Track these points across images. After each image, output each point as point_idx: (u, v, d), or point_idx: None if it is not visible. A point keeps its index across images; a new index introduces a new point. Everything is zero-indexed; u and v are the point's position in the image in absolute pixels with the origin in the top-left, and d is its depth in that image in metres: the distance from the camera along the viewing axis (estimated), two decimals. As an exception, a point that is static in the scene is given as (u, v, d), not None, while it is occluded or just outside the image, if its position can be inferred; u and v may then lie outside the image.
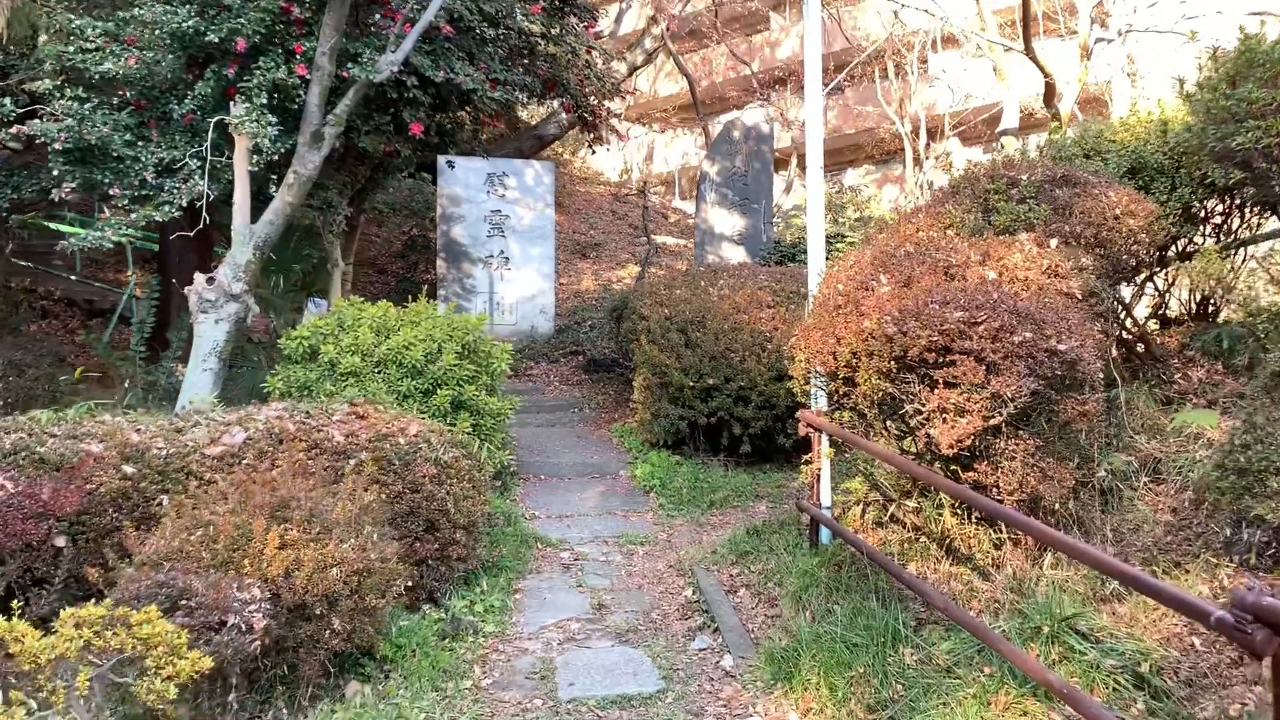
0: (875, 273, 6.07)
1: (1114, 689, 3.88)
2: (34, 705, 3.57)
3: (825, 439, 6.32)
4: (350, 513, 4.85)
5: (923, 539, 5.85)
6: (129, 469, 5.36)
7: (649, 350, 9.01)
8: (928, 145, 19.44)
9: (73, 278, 14.20)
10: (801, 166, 23.14)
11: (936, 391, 4.86)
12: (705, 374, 8.62)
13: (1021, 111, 15.75)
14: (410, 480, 5.95)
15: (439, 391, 7.43)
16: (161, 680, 3.74)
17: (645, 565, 6.97)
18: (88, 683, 3.64)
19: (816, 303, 6.31)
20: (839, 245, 13.90)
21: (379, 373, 7.44)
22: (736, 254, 13.78)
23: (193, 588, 4.13)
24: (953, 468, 5.12)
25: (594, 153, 29.04)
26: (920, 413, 5.02)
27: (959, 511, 5.65)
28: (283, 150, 7.62)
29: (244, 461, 5.65)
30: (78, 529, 5.07)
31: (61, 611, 3.73)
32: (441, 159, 15.33)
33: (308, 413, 6.24)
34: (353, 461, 5.88)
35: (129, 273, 13.84)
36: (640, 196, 19.33)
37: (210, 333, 7.48)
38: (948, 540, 5.71)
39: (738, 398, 8.61)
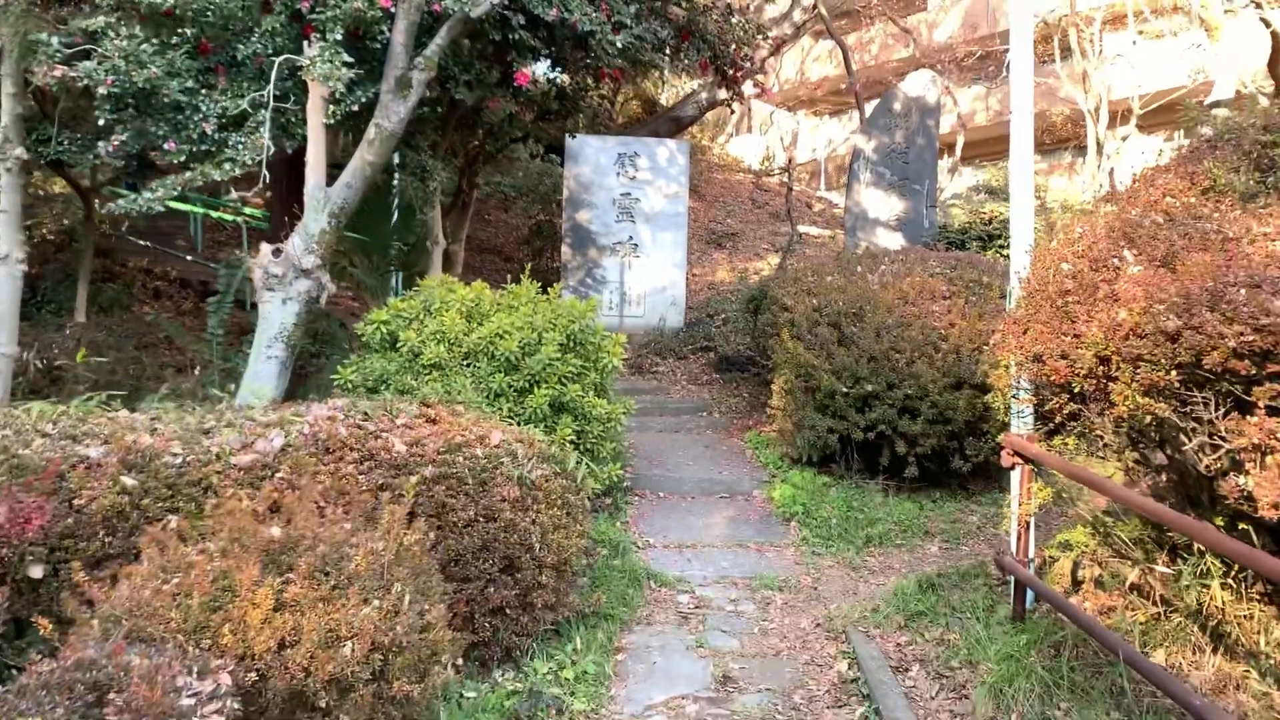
0: (1115, 247, 4.31)
1: None
2: None
3: (1029, 472, 4.60)
4: (379, 560, 3.46)
5: (1175, 617, 4.12)
6: (129, 480, 4.11)
7: (792, 348, 7.40)
8: (1109, 129, 16.99)
9: (189, 258, 13.55)
10: (965, 154, 20.98)
11: (1253, 420, 3.10)
12: (863, 378, 6.94)
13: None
14: (485, 505, 4.56)
15: (536, 390, 6.03)
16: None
17: (785, 620, 5.37)
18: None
19: (1029, 288, 4.59)
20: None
21: (467, 366, 6.09)
22: (894, 241, 11.94)
23: (128, 672, 2.80)
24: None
25: (733, 134, 27.42)
26: (1217, 449, 3.28)
27: (1235, 582, 3.91)
28: (364, 100, 6.37)
29: (278, 474, 4.36)
30: (60, 556, 3.88)
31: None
32: (569, 139, 14.08)
33: (366, 414, 4.92)
34: (414, 478, 4.53)
35: (241, 251, 13.08)
36: (784, 175, 17.58)
37: (276, 314, 6.30)
38: (1215, 623, 3.98)
39: (903, 408, 6.90)
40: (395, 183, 10.16)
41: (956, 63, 23.39)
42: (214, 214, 14.19)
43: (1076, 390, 3.78)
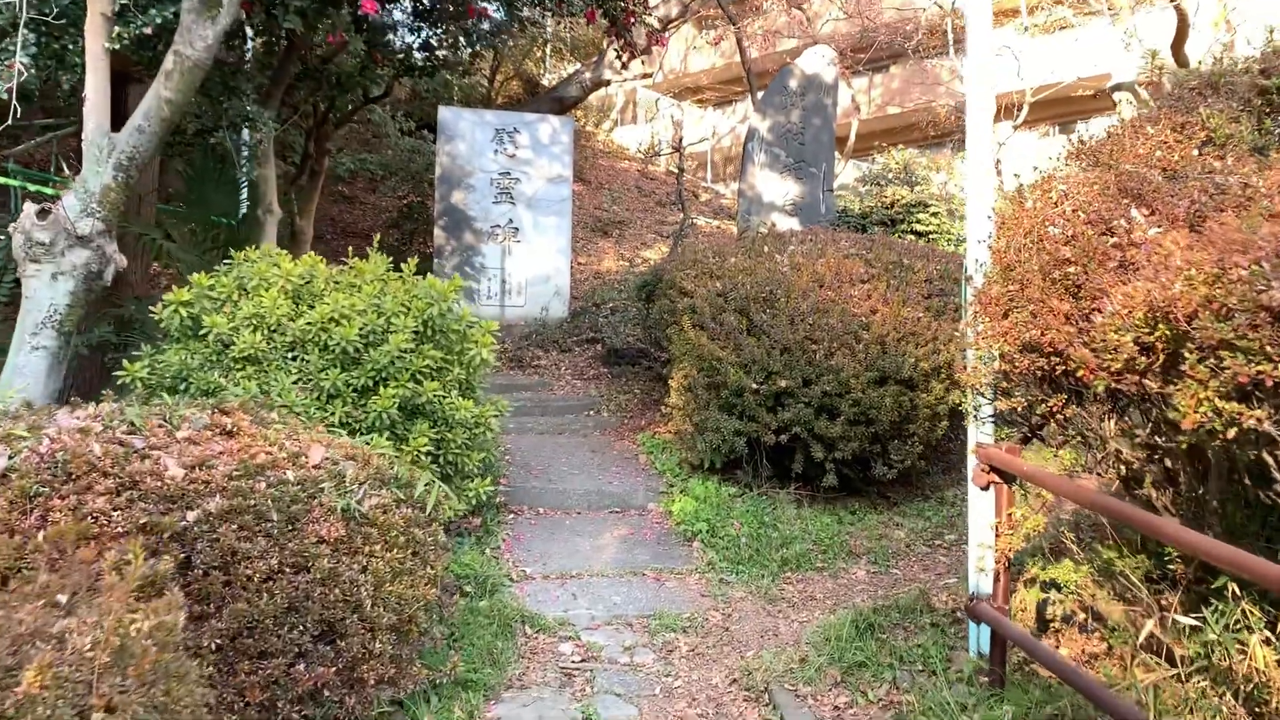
0: (1117, 206, 3.31)
1: None
2: None
3: (1010, 494, 3.58)
4: (84, 665, 2.14)
5: (1198, 679, 3.19)
6: None
7: (694, 338, 6.27)
8: (995, 122, 16.56)
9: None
10: (852, 148, 20.36)
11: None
12: (775, 373, 5.87)
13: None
14: (295, 550, 3.27)
15: (383, 390, 4.71)
16: None
17: (693, 675, 4.22)
18: None
19: (1003, 260, 3.55)
20: (920, 215, 11.10)
21: (293, 359, 4.74)
22: (789, 226, 10.99)
23: None
24: None
25: (617, 121, 26.23)
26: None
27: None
28: (161, 21, 4.93)
29: (-14, 513, 2.98)
30: None
31: None
32: (443, 109, 12.64)
33: (133, 425, 3.55)
34: (191, 514, 3.22)
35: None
36: (673, 155, 16.47)
37: (45, 293, 4.79)
38: (1256, 690, 3.07)
39: (821, 407, 5.86)
40: (244, 149, 8.63)
41: (842, 54, 22.83)
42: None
43: (1103, 388, 2.73)
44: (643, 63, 22.53)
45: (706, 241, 8.58)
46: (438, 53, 8.61)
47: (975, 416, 3.73)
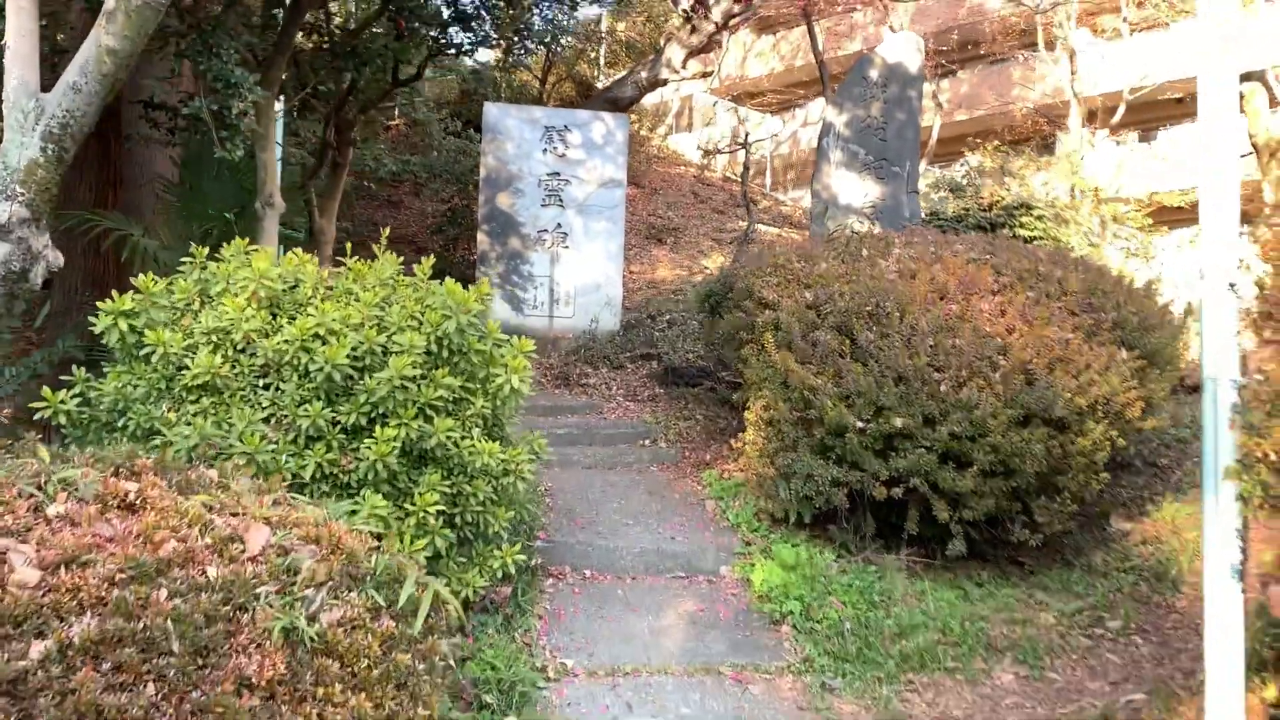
0: None
1: None
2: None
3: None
4: None
5: None
6: None
7: (779, 360, 4.94)
8: (1092, 128, 14.95)
9: None
10: (933, 150, 18.86)
11: None
12: (887, 408, 4.52)
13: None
14: (198, 705, 2.03)
15: (380, 430, 3.45)
16: None
17: None
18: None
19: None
20: (1024, 219, 9.64)
21: (265, 387, 3.51)
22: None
23: None
24: None
25: (672, 127, 24.89)
26: None
27: None
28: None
29: None
30: None
31: None
32: (489, 105, 11.48)
33: (-19, 492, 2.34)
34: (45, 643, 2.00)
35: None
36: (736, 151, 15.09)
37: (-48, 297, 3.65)
38: None
39: (946, 453, 4.50)
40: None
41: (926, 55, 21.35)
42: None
43: None
44: (702, 63, 21.29)
45: (782, 245, 7.24)
46: (474, 26, 7.33)
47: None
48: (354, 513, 3.34)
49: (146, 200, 6.38)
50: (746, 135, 12.75)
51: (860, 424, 4.54)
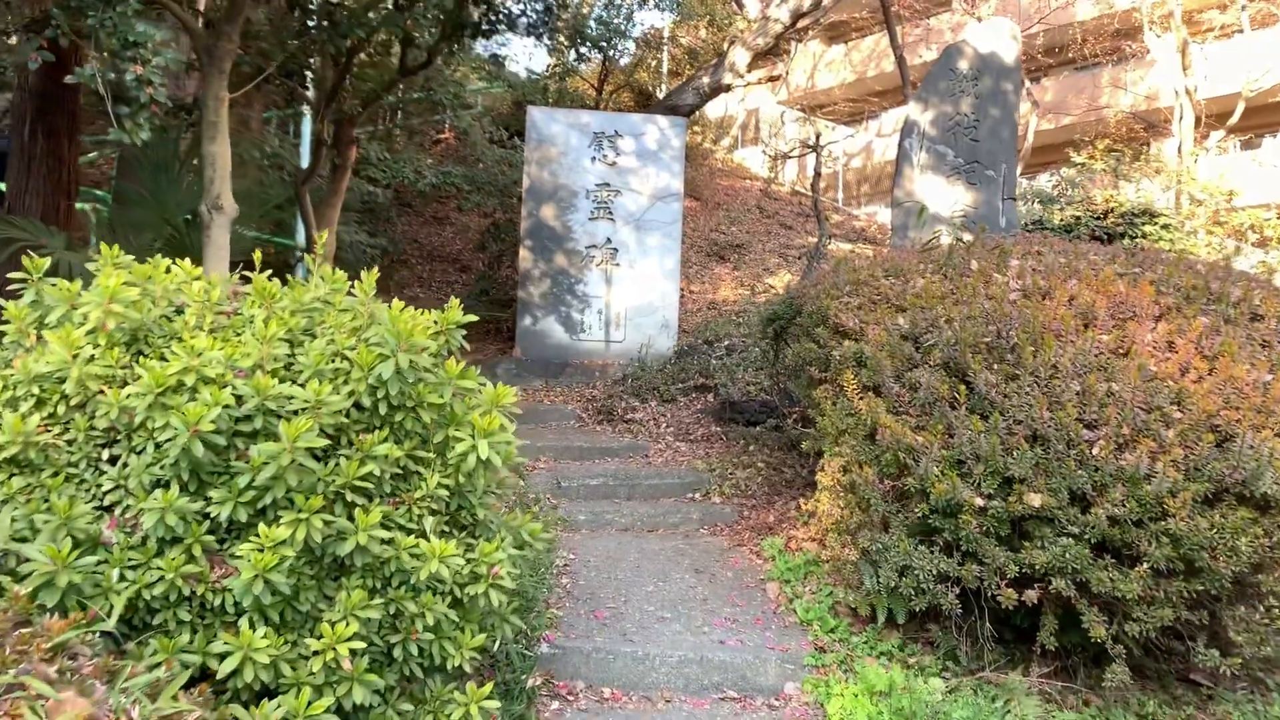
0: None
1: None
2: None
3: None
4: None
5: None
6: None
7: (865, 409, 3.66)
8: (1205, 132, 13.24)
9: None
10: (1029, 153, 17.29)
11: None
12: (1019, 479, 3.21)
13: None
14: None
15: (270, 529, 2.29)
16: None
17: None
18: None
19: None
20: (1147, 228, 8.14)
21: (110, 460, 2.39)
22: (961, 244, 8.23)
23: None
24: None
25: (738, 138, 23.49)
26: None
27: None
28: None
29: None
30: None
31: None
32: (532, 109, 10.43)
33: None
34: None
35: None
36: (807, 153, 13.70)
37: None
38: None
39: (1104, 542, 3.17)
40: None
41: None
42: None
43: None
44: (768, 68, 20.04)
45: (864, 260, 5.89)
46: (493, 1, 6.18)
47: None
48: (225, 656, 2.18)
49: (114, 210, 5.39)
50: (817, 136, 11.41)
51: (980, 501, 3.23)
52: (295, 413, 2.42)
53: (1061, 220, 8.59)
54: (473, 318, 2.91)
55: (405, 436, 2.64)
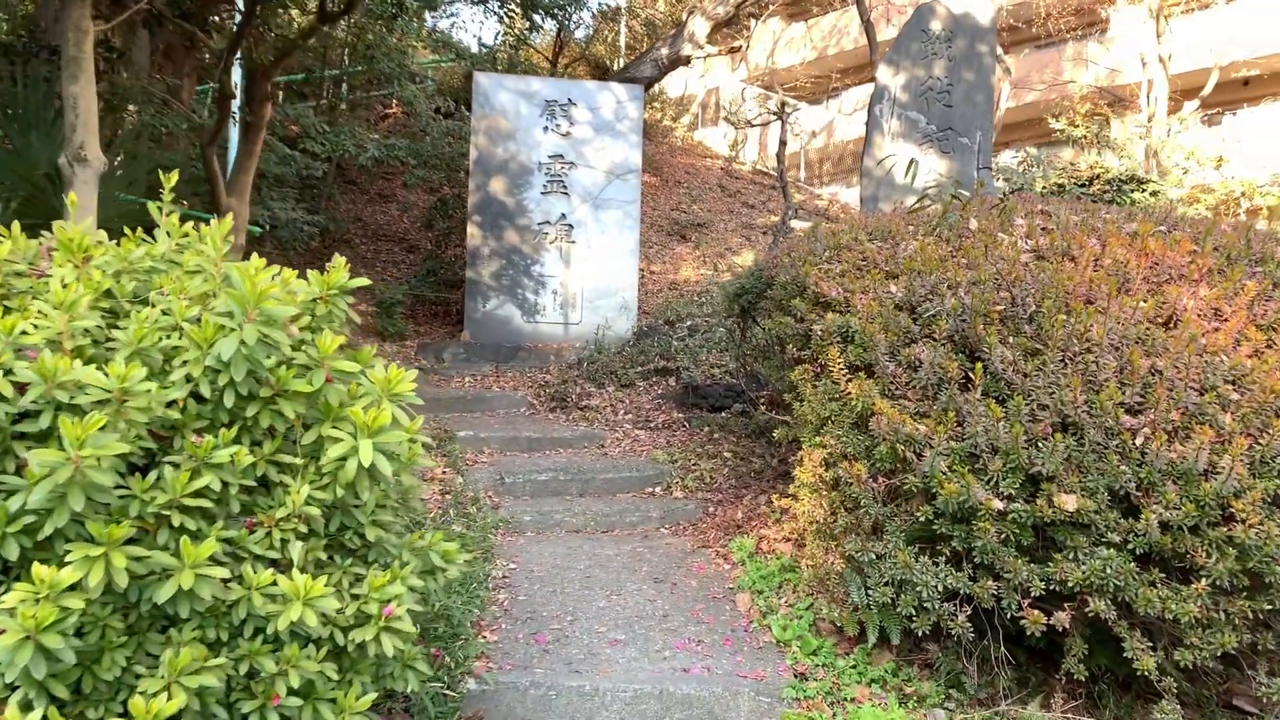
0: None
1: None
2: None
3: None
4: None
5: None
6: None
7: (856, 392, 3.04)
8: (1172, 107, 12.80)
9: None
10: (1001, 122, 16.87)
11: None
12: (1045, 476, 2.61)
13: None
14: None
15: (53, 570, 1.62)
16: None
17: None
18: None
19: None
20: (1135, 195, 7.62)
21: None
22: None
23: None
24: None
25: (697, 118, 22.76)
26: None
27: None
28: None
29: None
30: None
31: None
32: (479, 75, 9.68)
33: None
34: None
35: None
36: (771, 120, 13.09)
37: None
38: None
39: (1150, 553, 2.58)
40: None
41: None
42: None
43: None
44: (727, 41, 19.38)
45: (844, 224, 5.23)
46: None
47: None
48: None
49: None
50: (782, 104, 10.79)
51: (999, 503, 2.62)
52: (101, 405, 1.73)
53: (1045, 187, 8.05)
54: (364, 281, 2.23)
55: (266, 437, 1.96)
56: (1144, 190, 7.36)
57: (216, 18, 4.95)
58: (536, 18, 13.10)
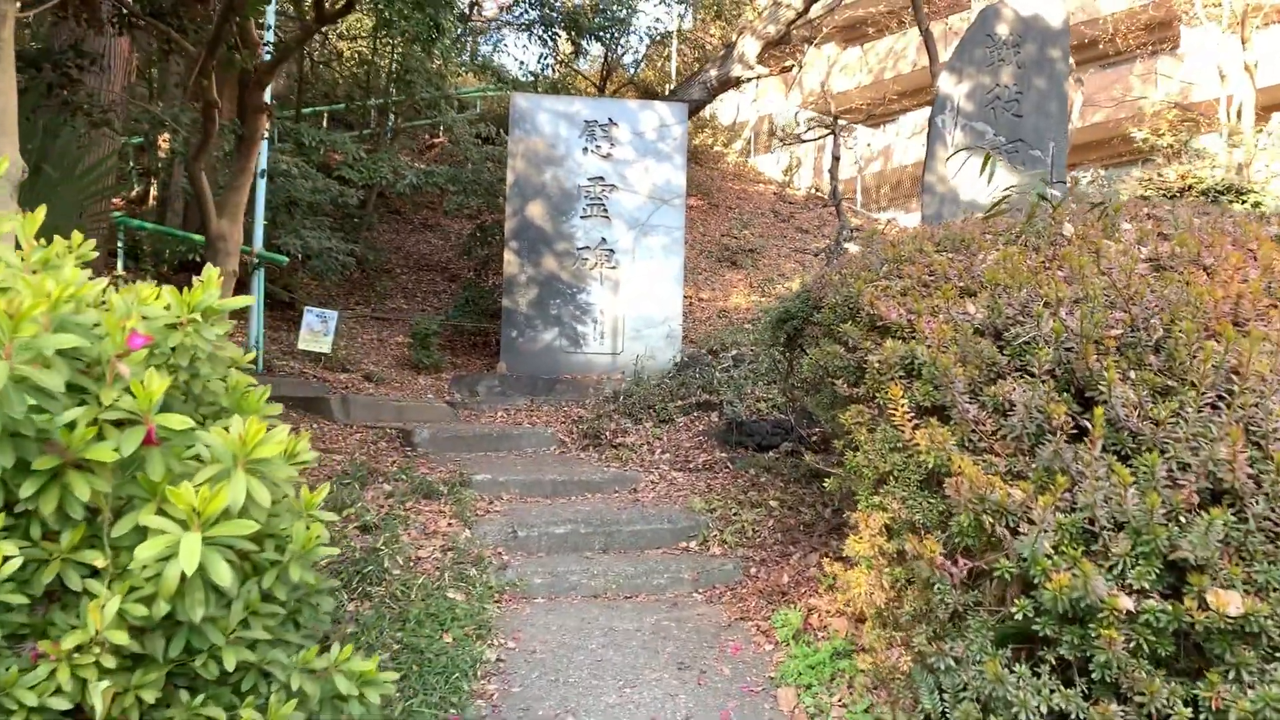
0: None
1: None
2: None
3: None
4: None
5: None
6: None
7: (925, 442, 2.34)
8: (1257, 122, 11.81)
9: None
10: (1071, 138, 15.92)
11: None
12: (1197, 565, 1.88)
13: None
14: None
15: None
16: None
17: None
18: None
19: None
20: (1233, 205, 6.75)
21: None
22: (1007, 234, 6.86)
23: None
24: None
25: (750, 142, 22.06)
26: None
27: None
28: None
29: None
30: None
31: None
32: (517, 96, 9.20)
33: None
34: None
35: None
36: (826, 134, 12.39)
37: None
38: None
39: (1354, 681, 1.83)
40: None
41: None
42: None
43: None
44: (779, 62, 18.79)
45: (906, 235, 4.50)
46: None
47: None
48: None
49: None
50: (835, 119, 10.10)
51: (1128, 601, 1.88)
52: None
53: (1126, 198, 7.19)
54: (248, 300, 1.62)
55: (63, 523, 1.35)
56: (1244, 201, 6.48)
57: (197, 19, 4.45)
58: (583, 42, 12.65)
